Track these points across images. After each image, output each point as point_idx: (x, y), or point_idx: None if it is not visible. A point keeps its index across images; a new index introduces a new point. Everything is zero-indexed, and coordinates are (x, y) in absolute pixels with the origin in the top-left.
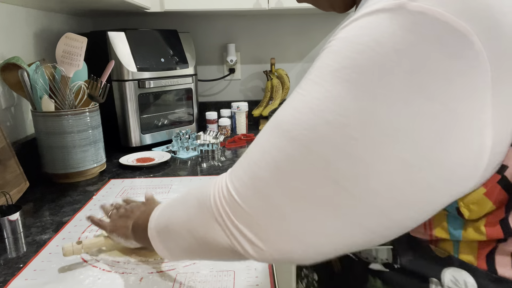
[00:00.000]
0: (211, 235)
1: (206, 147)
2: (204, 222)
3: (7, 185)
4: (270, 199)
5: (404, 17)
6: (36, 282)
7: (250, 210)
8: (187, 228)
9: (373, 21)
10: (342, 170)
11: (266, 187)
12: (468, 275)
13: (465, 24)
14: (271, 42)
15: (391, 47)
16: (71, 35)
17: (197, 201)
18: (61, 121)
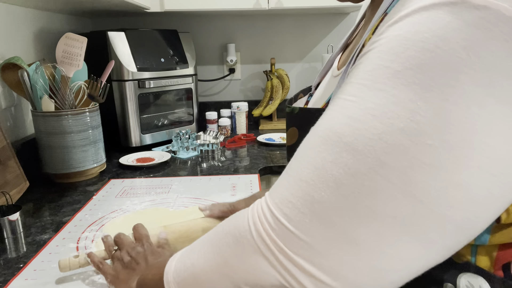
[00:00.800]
0: (256, 275)
1: (206, 147)
2: (245, 260)
3: (7, 185)
4: (335, 224)
5: (468, 12)
6: (36, 282)
7: (310, 239)
8: (222, 272)
9: (433, 16)
10: (420, 182)
11: (327, 210)
12: (484, 281)
13: None
14: (271, 42)
15: (459, 44)
16: (71, 35)
17: (232, 237)
18: (61, 121)
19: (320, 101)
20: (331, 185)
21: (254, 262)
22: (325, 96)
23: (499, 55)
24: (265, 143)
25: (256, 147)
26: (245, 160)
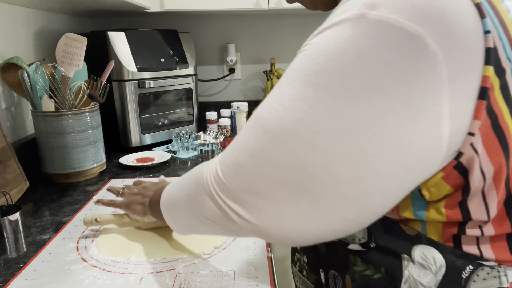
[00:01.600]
0: (205, 209)
1: (206, 147)
2: (199, 197)
3: (7, 185)
4: (249, 181)
5: (364, 26)
6: (36, 282)
7: (233, 188)
8: (187, 204)
9: (339, 30)
10: (310, 160)
11: (246, 171)
12: (436, 252)
13: (419, 28)
14: (271, 42)
15: (353, 53)
16: (71, 35)
17: (196, 179)
18: (61, 121)
19: None
20: (250, 154)
21: (204, 199)
22: None
23: (388, 59)
24: None
25: None
26: None
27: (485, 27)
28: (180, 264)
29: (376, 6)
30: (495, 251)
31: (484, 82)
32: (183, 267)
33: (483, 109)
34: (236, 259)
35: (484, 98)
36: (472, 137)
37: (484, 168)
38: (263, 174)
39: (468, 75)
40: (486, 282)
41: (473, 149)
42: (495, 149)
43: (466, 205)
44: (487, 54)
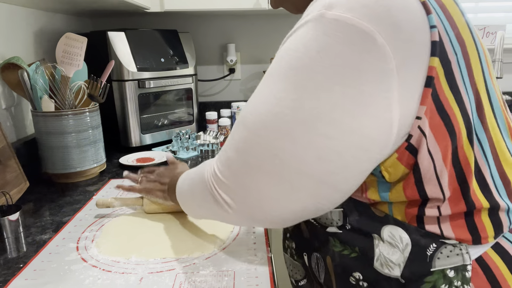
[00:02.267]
0: (208, 202)
1: (206, 147)
2: (202, 192)
3: (7, 185)
4: (237, 173)
5: (323, 25)
6: (36, 282)
7: (227, 182)
8: (195, 198)
9: (304, 31)
10: (281, 147)
11: (233, 164)
12: (402, 231)
13: (368, 25)
14: (271, 42)
15: (314, 50)
16: (71, 35)
17: (200, 179)
18: (61, 121)
19: None
20: (235, 148)
21: (206, 194)
22: None
23: (345, 53)
24: None
25: None
26: None
27: (430, 22)
28: (180, 264)
29: (332, 7)
30: (454, 230)
31: (430, 71)
32: (183, 267)
33: (428, 96)
34: (236, 259)
35: (430, 86)
36: (419, 121)
37: (432, 149)
38: (245, 164)
39: (415, 66)
40: (450, 259)
41: (420, 131)
42: (442, 132)
43: (422, 185)
44: (433, 46)
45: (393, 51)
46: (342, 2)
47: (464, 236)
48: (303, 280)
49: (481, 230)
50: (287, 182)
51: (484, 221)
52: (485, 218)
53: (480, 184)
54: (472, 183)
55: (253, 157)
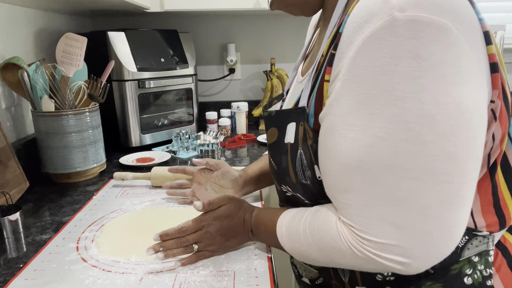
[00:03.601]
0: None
1: (206, 147)
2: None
3: (7, 185)
4: (403, 224)
5: (402, 28)
6: (36, 282)
7: (392, 242)
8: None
9: (380, 41)
10: (439, 169)
11: (395, 218)
12: None
13: (443, 19)
14: (271, 42)
15: (408, 56)
16: (71, 35)
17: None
18: (61, 121)
19: (290, 103)
20: (386, 200)
21: (359, 264)
22: (293, 99)
23: (438, 52)
24: (265, 143)
25: (256, 147)
26: (245, 160)
27: (478, 14)
28: (183, 266)
29: (404, 8)
30: (485, 217)
31: (492, 58)
32: (183, 267)
33: (499, 80)
34: (236, 259)
35: (497, 71)
36: (492, 104)
37: (495, 132)
38: (410, 209)
39: (480, 54)
40: (477, 248)
41: (493, 114)
42: (504, 115)
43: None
44: (486, 36)
45: (467, 40)
46: (411, 2)
47: (493, 221)
48: (319, 279)
49: (506, 214)
50: (463, 198)
51: (509, 206)
52: (510, 204)
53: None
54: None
55: (412, 196)
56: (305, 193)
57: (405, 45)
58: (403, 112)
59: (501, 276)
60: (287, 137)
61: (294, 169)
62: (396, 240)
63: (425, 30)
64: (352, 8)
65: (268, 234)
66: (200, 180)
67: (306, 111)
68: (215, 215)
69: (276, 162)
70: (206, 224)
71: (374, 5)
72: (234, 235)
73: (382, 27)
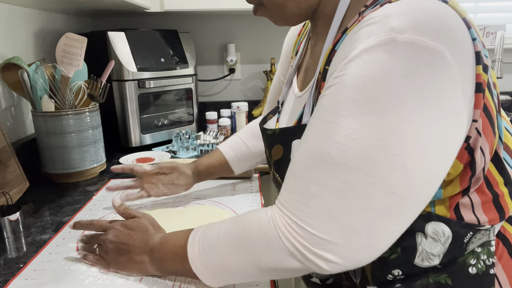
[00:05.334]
0: (283, 265)
1: (206, 147)
2: (276, 258)
3: (7, 185)
4: (347, 223)
5: (399, 48)
6: (36, 282)
7: (330, 238)
8: (252, 263)
9: (375, 56)
10: (395, 182)
11: (340, 214)
12: (444, 226)
13: (440, 45)
14: (271, 42)
15: (398, 74)
16: (71, 35)
17: (264, 242)
18: (61, 121)
19: (291, 119)
20: (336, 195)
21: (284, 259)
22: (295, 115)
23: (427, 75)
24: None
25: None
26: None
27: (472, 35)
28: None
29: (403, 31)
30: (486, 214)
31: (478, 78)
32: None
33: (481, 100)
34: None
35: (481, 91)
36: (476, 123)
37: (483, 147)
38: (360, 211)
39: (469, 76)
40: (480, 240)
41: (477, 132)
42: (488, 130)
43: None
44: (476, 56)
45: (457, 66)
46: (411, 25)
47: (494, 216)
48: (330, 279)
49: (505, 208)
50: (401, 216)
51: (507, 201)
52: (508, 199)
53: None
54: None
55: (367, 199)
56: None
57: (398, 63)
58: (381, 123)
59: (503, 265)
60: (293, 154)
61: None
62: (331, 235)
63: (420, 53)
64: (351, 29)
65: (174, 254)
66: (152, 181)
67: None
68: (122, 222)
69: (283, 179)
70: (110, 228)
71: (375, 25)
72: (127, 251)
73: (379, 43)
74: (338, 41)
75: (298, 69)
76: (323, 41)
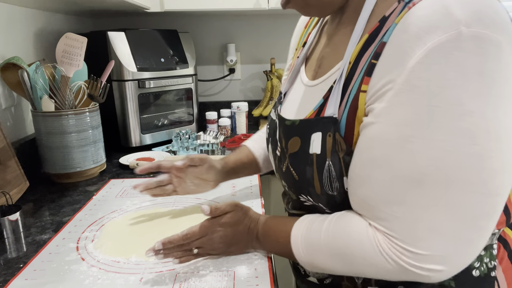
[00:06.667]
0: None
1: (206, 147)
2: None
3: (7, 185)
4: (454, 236)
5: (467, 44)
6: (36, 282)
7: (440, 253)
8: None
9: (447, 56)
10: (498, 183)
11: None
12: None
13: (500, 37)
14: (271, 42)
15: (474, 73)
16: (71, 35)
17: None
18: (61, 121)
19: (303, 109)
20: (445, 213)
21: (392, 276)
22: (309, 105)
23: (497, 69)
24: None
25: None
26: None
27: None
28: (180, 264)
29: (469, 23)
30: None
31: None
32: (183, 267)
33: None
34: (236, 259)
35: None
36: None
37: None
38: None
39: None
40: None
41: None
42: None
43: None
44: None
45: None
46: (475, 17)
47: (502, 219)
48: (328, 279)
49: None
50: (499, 211)
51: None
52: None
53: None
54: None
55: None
56: (328, 204)
57: (470, 61)
58: (471, 127)
59: (503, 268)
60: (312, 147)
61: (320, 181)
62: (442, 251)
63: (487, 47)
64: (400, 18)
65: (279, 245)
66: (181, 175)
67: (338, 122)
68: (220, 222)
69: (298, 173)
70: (210, 232)
71: (436, 16)
72: (236, 242)
73: (448, 40)
74: (375, 31)
75: (307, 59)
76: (348, 29)
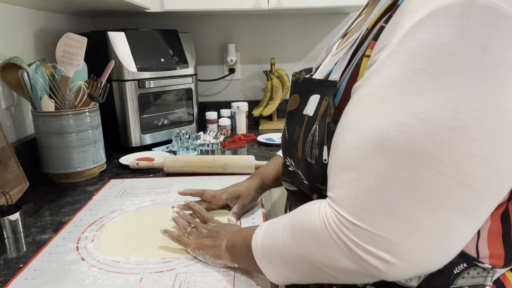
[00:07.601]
0: (335, 263)
1: (206, 147)
2: (327, 255)
3: (7, 185)
4: (406, 218)
5: (476, 12)
6: (36, 282)
7: (384, 233)
8: (304, 257)
9: (451, 18)
10: (472, 172)
11: (398, 208)
12: None
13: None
14: (271, 42)
15: (475, 44)
16: (71, 35)
17: (314, 238)
18: (61, 121)
19: (320, 75)
20: (398, 187)
21: (335, 257)
22: (325, 70)
23: (505, 48)
24: (265, 143)
25: (256, 147)
26: None
27: None
28: (180, 264)
29: None
30: (490, 247)
31: None
32: (183, 267)
33: None
34: None
35: None
36: None
37: None
38: (423, 204)
39: None
40: (473, 279)
41: None
42: None
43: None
44: None
45: None
46: None
47: (498, 253)
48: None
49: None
50: (473, 212)
51: None
52: None
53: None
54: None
55: (435, 192)
56: (305, 172)
57: (475, 31)
58: (457, 100)
59: None
60: (307, 108)
61: (303, 144)
62: (388, 232)
63: (498, 20)
64: None
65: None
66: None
67: (337, 86)
68: (218, 222)
69: (289, 132)
70: (212, 222)
71: None
72: (215, 237)
73: (456, 3)
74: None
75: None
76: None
